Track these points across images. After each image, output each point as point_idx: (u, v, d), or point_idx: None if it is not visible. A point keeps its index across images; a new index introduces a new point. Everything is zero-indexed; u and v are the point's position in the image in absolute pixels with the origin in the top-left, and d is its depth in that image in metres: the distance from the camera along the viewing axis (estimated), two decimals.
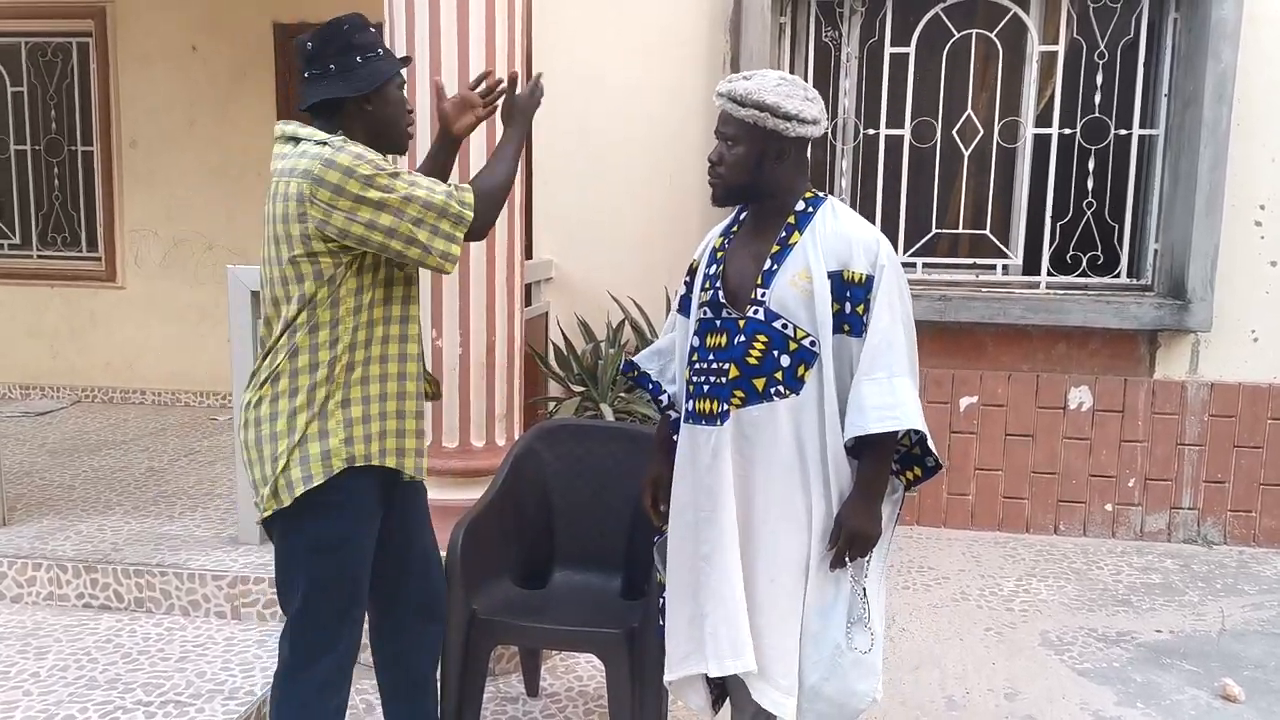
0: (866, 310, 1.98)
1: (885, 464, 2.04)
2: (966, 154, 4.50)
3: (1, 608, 3.48)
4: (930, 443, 2.05)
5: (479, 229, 2.07)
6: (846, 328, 2.00)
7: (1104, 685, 3.10)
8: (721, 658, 2.03)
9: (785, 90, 1.97)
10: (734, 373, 2.01)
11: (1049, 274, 4.47)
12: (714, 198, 2.11)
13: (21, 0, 6.05)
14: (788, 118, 1.96)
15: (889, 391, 1.95)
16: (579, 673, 3.12)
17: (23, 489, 4.36)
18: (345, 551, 2.08)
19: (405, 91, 2.19)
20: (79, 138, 6.28)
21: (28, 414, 5.91)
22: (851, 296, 1.99)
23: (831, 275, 1.99)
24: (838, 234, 2.01)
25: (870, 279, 1.98)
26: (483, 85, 2.28)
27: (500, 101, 2.27)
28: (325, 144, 1.96)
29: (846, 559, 2.02)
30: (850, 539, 2.00)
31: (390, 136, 2.11)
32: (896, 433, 1.99)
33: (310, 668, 2.08)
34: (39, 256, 6.41)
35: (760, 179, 2.03)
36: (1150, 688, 3.09)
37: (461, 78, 3.00)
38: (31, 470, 4.70)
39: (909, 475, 2.14)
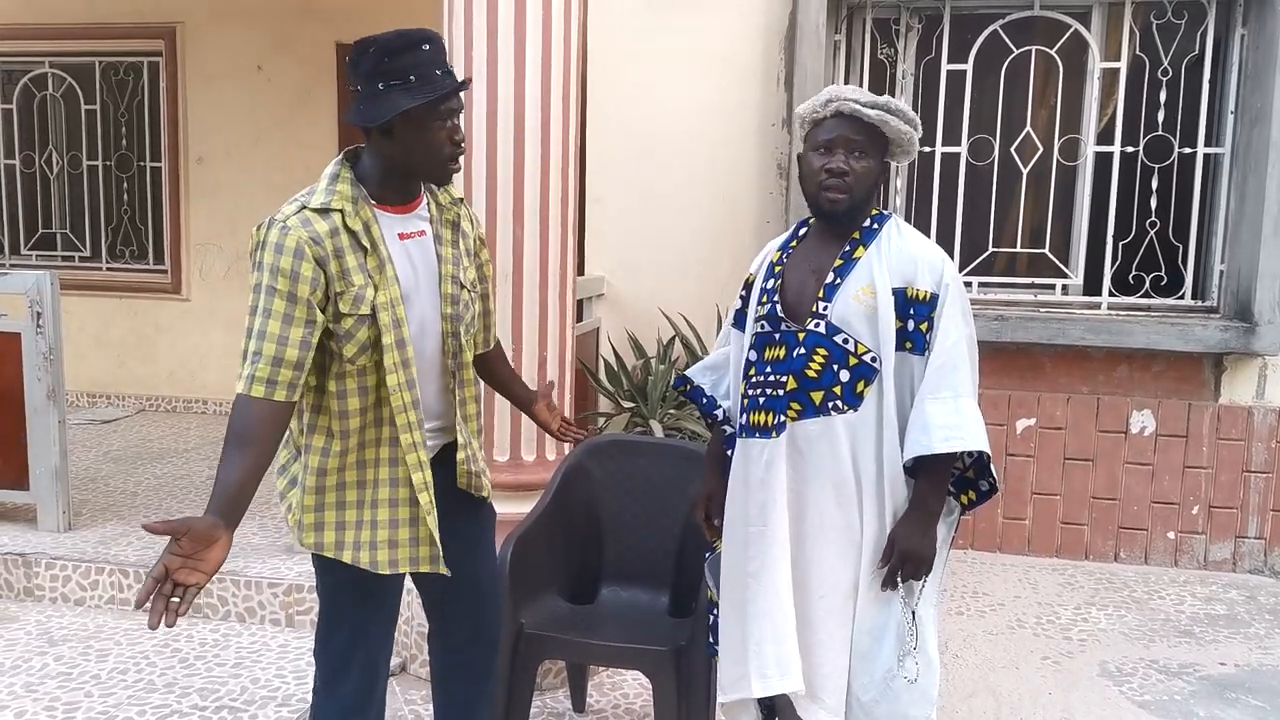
0: (930, 328, 1.97)
1: (943, 484, 2.01)
2: (1025, 172, 4.43)
3: (65, 610, 3.58)
4: (990, 465, 2.02)
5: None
6: (909, 345, 1.98)
7: (1165, 719, 3.01)
8: (767, 676, 2.01)
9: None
10: (791, 385, 2.00)
11: (1110, 294, 4.38)
12: (832, 213, 2.02)
13: (96, 21, 6.27)
14: (917, 139, 2.03)
15: (954, 411, 1.93)
16: (626, 690, 3.12)
17: (88, 495, 4.48)
18: (337, 584, 2.04)
19: (460, 117, 1.97)
20: (148, 154, 6.48)
21: (94, 421, 6.08)
22: (915, 314, 1.98)
23: (895, 292, 1.98)
24: (903, 251, 2.00)
25: (935, 297, 1.97)
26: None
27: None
28: (300, 204, 1.89)
29: (899, 580, 1.99)
30: (904, 559, 1.98)
31: (416, 171, 1.94)
32: (956, 453, 1.96)
33: (332, 689, 2.07)
34: (108, 269, 6.61)
35: (871, 195, 2.04)
36: None
37: (517, 95, 3.03)
38: (96, 477, 4.84)
39: (964, 499, 2.10)
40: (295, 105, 6.11)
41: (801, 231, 2.16)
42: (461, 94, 1.96)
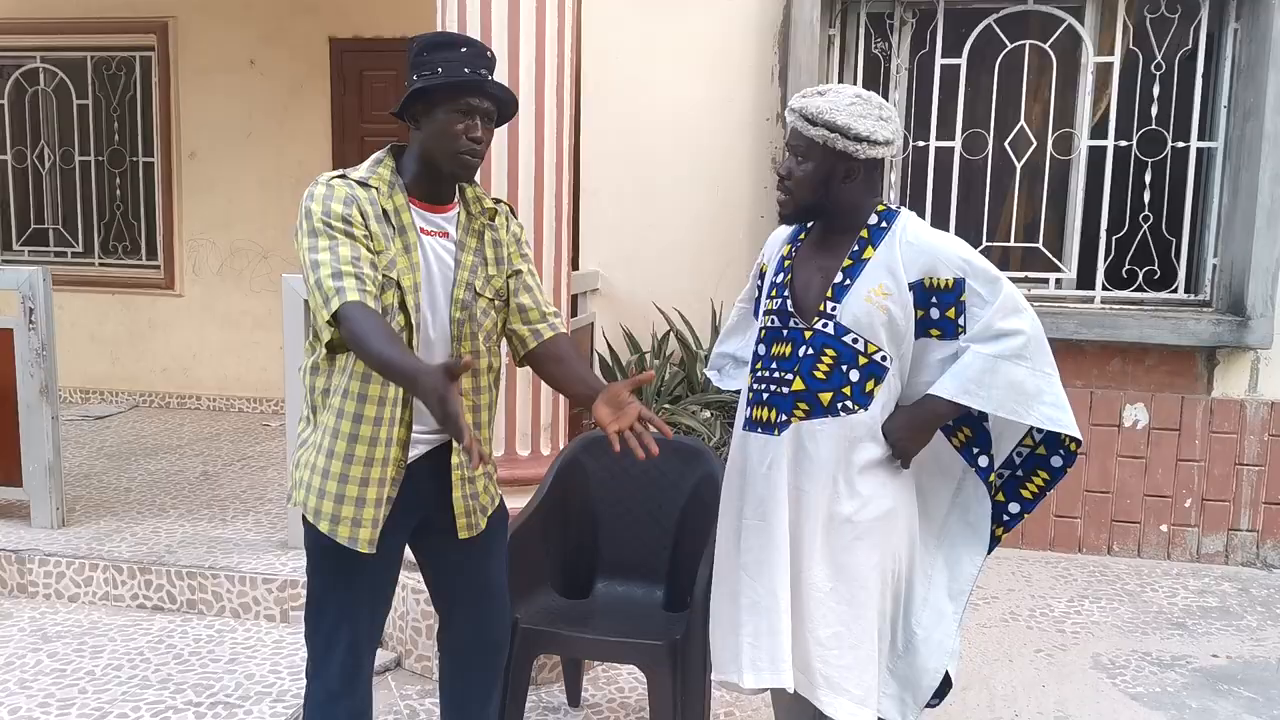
0: (959, 313, 1.98)
1: (948, 417, 2.05)
2: (1019, 166, 4.44)
3: (59, 606, 3.57)
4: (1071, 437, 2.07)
5: (339, 341, 1.88)
6: (935, 332, 2.00)
7: (1158, 711, 3.03)
8: (759, 670, 2.02)
9: (858, 110, 1.96)
10: (798, 385, 2.01)
11: (1104, 288, 4.39)
12: (782, 215, 2.09)
13: (87, 16, 6.24)
14: (858, 139, 1.95)
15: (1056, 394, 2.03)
16: (620, 684, 3.12)
17: (81, 491, 4.47)
18: (326, 565, 2.05)
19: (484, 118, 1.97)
20: (140, 149, 6.46)
21: (87, 418, 6.06)
22: (940, 301, 1.99)
23: (914, 286, 1.99)
24: (916, 246, 2.00)
25: (960, 282, 1.98)
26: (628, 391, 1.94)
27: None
28: (341, 173, 1.95)
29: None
30: (900, 457, 2.04)
31: (436, 163, 1.98)
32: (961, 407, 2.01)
33: (319, 671, 2.08)
34: (101, 264, 6.59)
35: (828, 198, 2.02)
36: (1206, 714, 3.01)
37: (510, 90, 3.03)
38: (90, 473, 4.82)
39: (1034, 485, 2.12)
40: (288, 100, 6.10)
41: (809, 225, 2.16)
42: (489, 100, 1.96)
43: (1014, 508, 2.15)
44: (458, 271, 2.02)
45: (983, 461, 2.08)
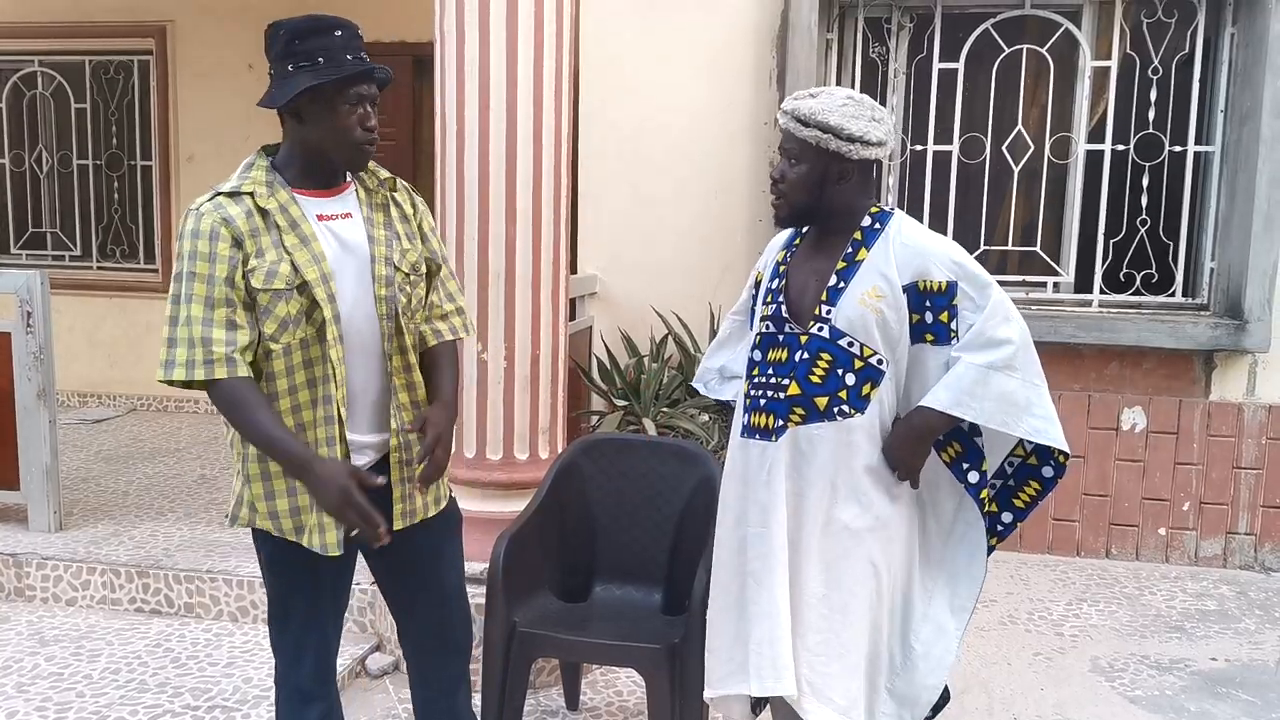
0: (951, 317, 1.98)
1: (944, 429, 2.04)
2: (1016, 170, 4.45)
3: (57, 610, 3.56)
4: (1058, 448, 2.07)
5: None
6: (930, 337, 2.00)
7: (1156, 714, 3.02)
8: (763, 678, 2.02)
9: (850, 111, 1.95)
10: (794, 390, 2.01)
11: (1102, 292, 4.40)
12: (777, 218, 2.09)
13: (85, 20, 6.24)
14: (851, 140, 1.94)
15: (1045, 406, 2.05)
16: (619, 687, 3.12)
17: (79, 495, 4.46)
18: (285, 574, 2.04)
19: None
20: (138, 153, 6.45)
21: (84, 421, 6.05)
22: (933, 305, 1.99)
23: (907, 288, 1.98)
24: (909, 247, 2.00)
25: (953, 285, 1.97)
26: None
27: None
28: (214, 191, 1.94)
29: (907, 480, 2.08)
30: (893, 467, 2.04)
31: (329, 154, 1.95)
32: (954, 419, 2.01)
33: (289, 677, 2.09)
34: (98, 268, 6.58)
35: (822, 200, 2.01)
36: (1204, 718, 3.01)
37: (510, 94, 3.03)
38: (88, 477, 4.82)
39: (1026, 494, 2.12)
40: None
41: (804, 229, 2.16)
42: (374, 84, 1.94)
43: (1007, 517, 2.15)
44: (374, 248, 1.98)
45: (972, 478, 2.06)
